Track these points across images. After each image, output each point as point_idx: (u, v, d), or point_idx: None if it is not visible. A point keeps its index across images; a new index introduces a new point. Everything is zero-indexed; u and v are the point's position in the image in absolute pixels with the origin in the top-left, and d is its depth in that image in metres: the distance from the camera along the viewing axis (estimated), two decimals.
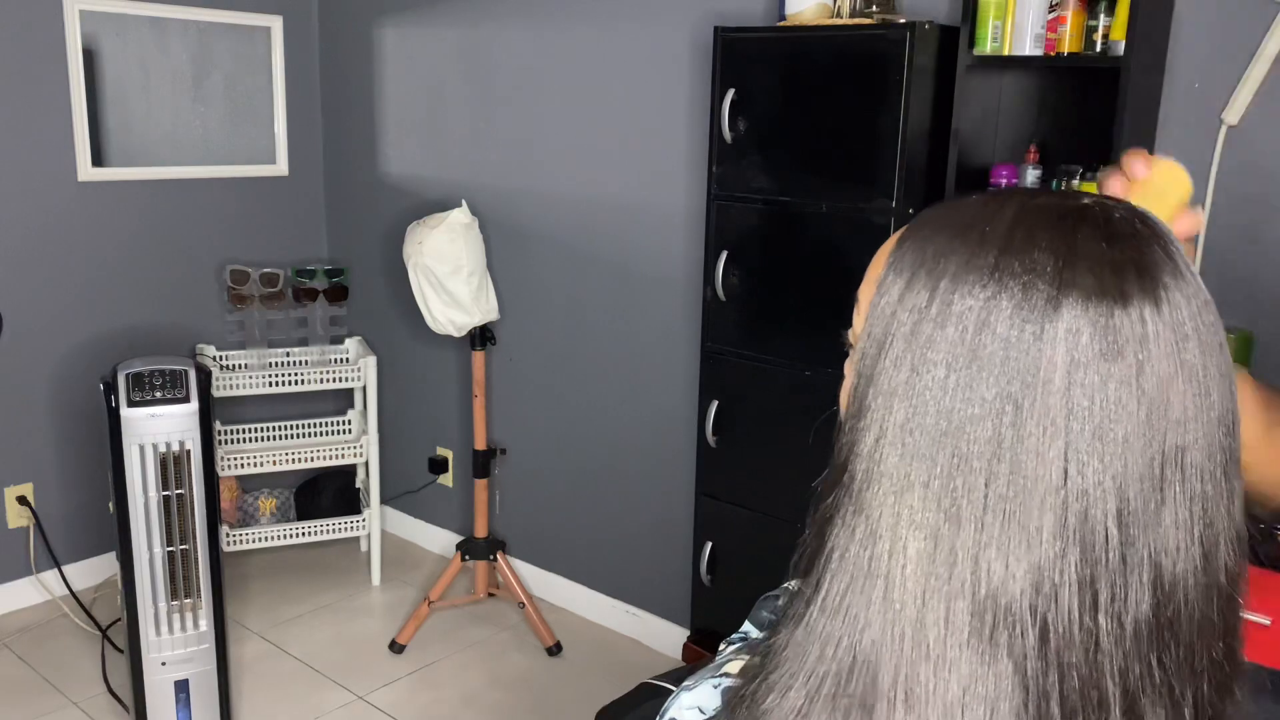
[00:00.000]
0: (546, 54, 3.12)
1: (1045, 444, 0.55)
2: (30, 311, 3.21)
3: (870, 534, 0.59)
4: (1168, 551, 0.57)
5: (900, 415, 0.59)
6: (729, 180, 2.42)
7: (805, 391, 2.37)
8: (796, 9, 2.31)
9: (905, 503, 0.58)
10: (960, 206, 0.63)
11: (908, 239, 0.63)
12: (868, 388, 0.61)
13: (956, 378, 0.57)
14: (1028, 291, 0.56)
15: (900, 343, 0.59)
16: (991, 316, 0.56)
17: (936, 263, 0.59)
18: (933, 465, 0.57)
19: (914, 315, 0.59)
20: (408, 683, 2.97)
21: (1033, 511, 0.56)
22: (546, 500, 3.41)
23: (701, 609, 2.70)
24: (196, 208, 3.53)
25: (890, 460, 0.59)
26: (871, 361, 0.61)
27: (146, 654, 2.51)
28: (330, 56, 3.74)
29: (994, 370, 0.56)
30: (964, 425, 0.57)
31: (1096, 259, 0.57)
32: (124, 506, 2.43)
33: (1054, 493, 0.55)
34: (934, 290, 0.58)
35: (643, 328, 3.05)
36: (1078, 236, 0.58)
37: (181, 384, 2.45)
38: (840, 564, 0.60)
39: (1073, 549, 0.56)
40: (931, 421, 0.57)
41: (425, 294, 2.99)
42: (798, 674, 0.60)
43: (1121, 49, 1.95)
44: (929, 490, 0.57)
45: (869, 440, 0.60)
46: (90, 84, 3.24)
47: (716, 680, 0.73)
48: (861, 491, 0.60)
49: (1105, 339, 0.55)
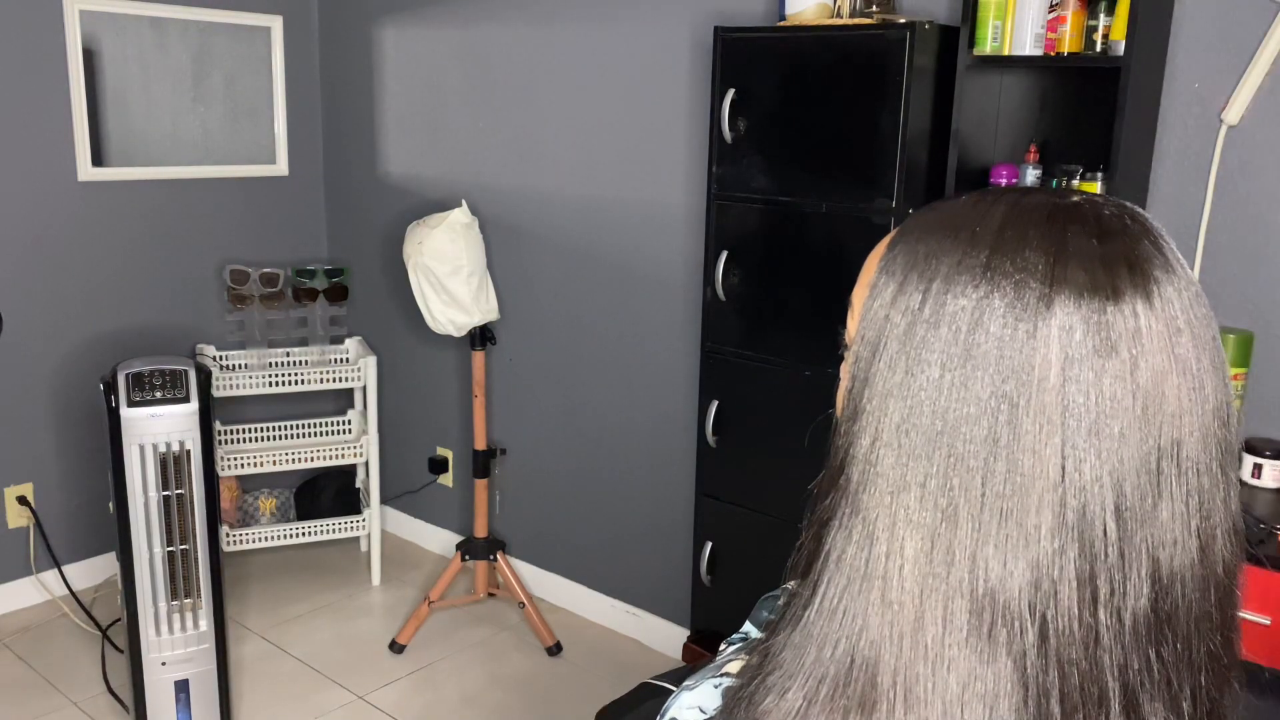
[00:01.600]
0: (546, 54, 3.12)
1: (1041, 441, 0.55)
2: (30, 311, 3.21)
3: (867, 535, 0.59)
4: (1165, 545, 0.57)
5: (896, 416, 0.59)
6: (729, 180, 2.42)
7: (805, 391, 2.37)
8: (796, 9, 2.31)
9: (902, 503, 0.58)
10: (950, 207, 0.63)
11: (899, 242, 0.63)
12: (863, 389, 0.61)
13: (951, 377, 0.57)
14: (1020, 290, 0.56)
15: (894, 344, 0.59)
16: (984, 316, 0.57)
17: (929, 264, 0.59)
18: (929, 465, 0.57)
19: (907, 316, 0.59)
20: (408, 683, 2.97)
21: (1030, 509, 0.56)
22: (546, 500, 3.41)
23: (701, 609, 2.70)
24: (196, 208, 3.53)
25: (886, 461, 0.59)
26: (866, 364, 0.61)
27: (146, 654, 2.51)
28: (330, 56, 3.74)
29: (989, 369, 0.56)
30: (959, 424, 0.57)
31: (1087, 255, 0.57)
32: (124, 506, 2.43)
33: (1051, 490, 0.55)
34: (926, 291, 0.59)
35: (643, 328, 3.05)
36: (1068, 234, 0.58)
37: (181, 384, 2.45)
38: (837, 566, 0.60)
39: (1071, 545, 0.56)
40: (927, 421, 0.58)
41: (425, 294, 2.99)
42: (795, 675, 0.60)
43: (1121, 49, 1.95)
44: (925, 490, 0.57)
45: (865, 442, 0.60)
46: (90, 84, 3.24)
47: (717, 680, 0.73)
48: (858, 493, 0.60)
49: (1099, 335, 0.55)
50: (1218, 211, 2.13)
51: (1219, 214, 2.13)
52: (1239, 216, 2.12)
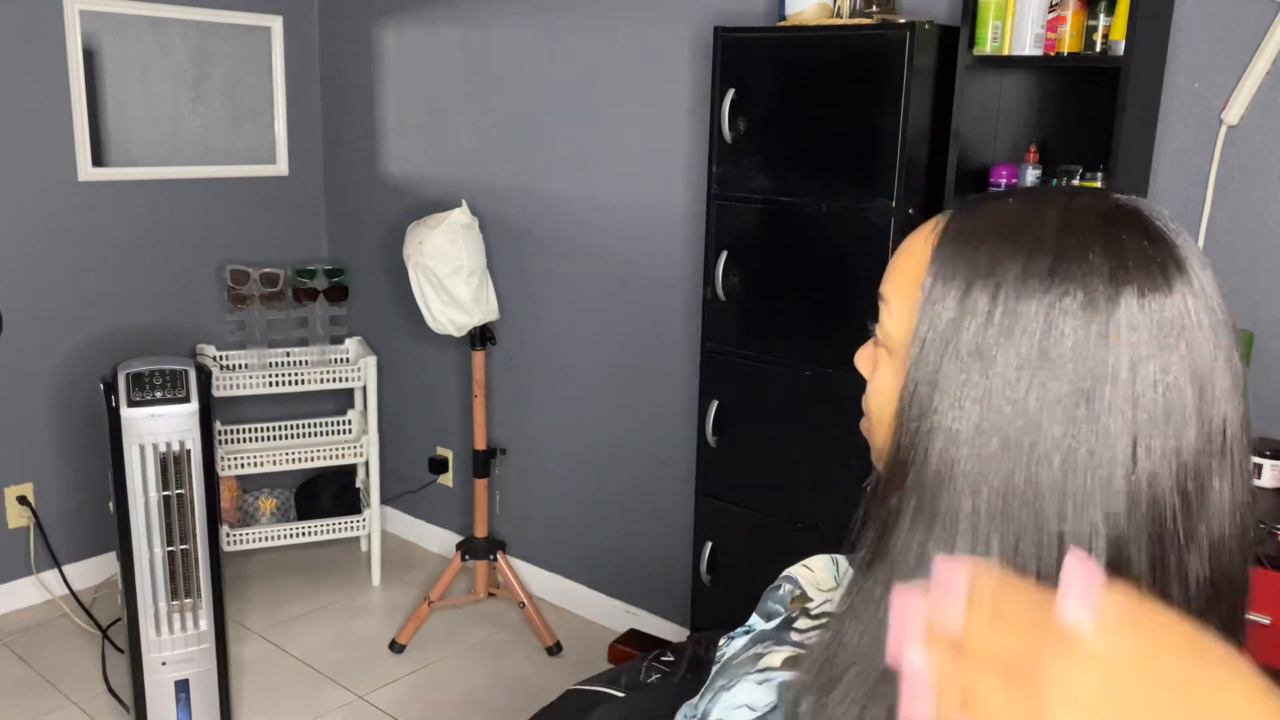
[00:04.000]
0: (546, 54, 3.12)
1: (1116, 432, 0.60)
2: (30, 311, 3.21)
3: (948, 533, 0.62)
4: (1217, 516, 0.62)
5: (974, 417, 0.62)
6: (729, 180, 2.42)
7: (805, 391, 2.37)
8: (797, 9, 2.31)
9: (984, 500, 0.61)
10: (999, 210, 0.67)
11: (950, 244, 0.66)
12: (930, 392, 0.64)
13: (1028, 378, 0.60)
14: (1089, 293, 0.60)
15: (965, 348, 0.62)
16: (1058, 318, 0.60)
17: (992, 269, 0.63)
18: (1010, 463, 0.61)
19: (977, 319, 0.62)
20: (408, 683, 2.97)
21: (1109, 496, 0.60)
22: (546, 500, 3.41)
23: (701, 609, 2.70)
24: (196, 208, 3.53)
25: (966, 463, 0.62)
26: (931, 367, 0.64)
27: (146, 654, 2.51)
28: (330, 56, 3.74)
29: (1065, 368, 0.60)
30: (1039, 422, 0.60)
31: (1141, 257, 0.62)
32: (124, 506, 2.43)
33: (1126, 476, 0.60)
34: (995, 296, 0.62)
35: (643, 328, 3.05)
36: (1124, 238, 0.62)
37: (181, 384, 2.45)
38: (918, 565, 0.62)
39: (1144, 525, 0.60)
40: (1006, 421, 0.61)
41: (425, 294, 2.99)
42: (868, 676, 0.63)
43: (1121, 49, 1.95)
44: (1010, 486, 0.60)
45: (937, 444, 0.63)
46: (90, 84, 3.24)
47: (760, 677, 0.75)
48: (935, 494, 0.63)
49: (1160, 329, 0.60)
50: (1218, 211, 2.13)
51: (1219, 214, 2.13)
52: (1239, 216, 2.12)
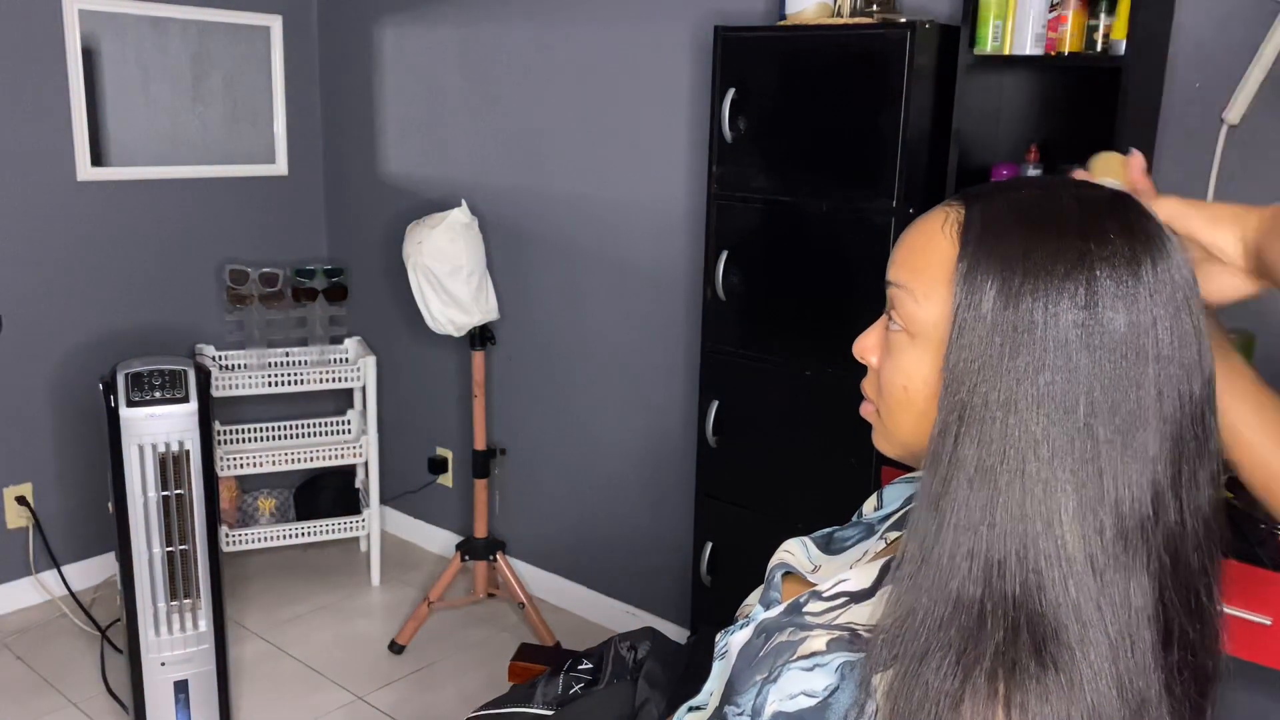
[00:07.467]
0: (546, 53, 3.12)
1: (1152, 384, 0.70)
2: (30, 311, 3.21)
3: (1017, 491, 0.70)
4: (1215, 454, 0.74)
5: (1031, 392, 0.69)
6: (729, 180, 2.42)
7: (806, 391, 2.37)
8: (797, 8, 2.31)
9: (1054, 470, 0.69)
10: (1019, 201, 0.74)
11: (976, 235, 0.74)
12: (979, 370, 0.71)
13: (1077, 353, 0.69)
14: (1116, 270, 0.70)
15: (1020, 331, 0.70)
16: (1096, 297, 0.69)
17: (1027, 258, 0.71)
18: (1072, 428, 0.69)
19: (1024, 300, 0.70)
20: (408, 683, 2.97)
21: (1149, 440, 0.70)
22: (546, 500, 3.41)
23: (701, 609, 2.70)
24: (196, 208, 3.53)
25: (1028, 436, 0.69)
26: (978, 349, 0.71)
27: (146, 654, 2.51)
28: (330, 56, 3.74)
29: (1111, 336, 0.69)
30: (1092, 386, 0.69)
31: (1144, 234, 0.72)
32: (123, 506, 2.43)
33: (1161, 422, 0.70)
34: (1036, 283, 0.70)
35: (643, 327, 3.05)
36: (1130, 218, 0.72)
37: (181, 384, 2.45)
38: (983, 519, 0.70)
39: (1173, 462, 0.71)
40: (1061, 390, 0.69)
41: (425, 294, 2.99)
42: (956, 645, 0.70)
43: (1122, 49, 1.95)
44: (1074, 448, 0.69)
45: (995, 425, 0.70)
46: (90, 84, 3.24)
47: (808, 663, 0.78)
48: (994, 473, 0.70)
49: (1171, 293, 0.71)
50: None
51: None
52: None
